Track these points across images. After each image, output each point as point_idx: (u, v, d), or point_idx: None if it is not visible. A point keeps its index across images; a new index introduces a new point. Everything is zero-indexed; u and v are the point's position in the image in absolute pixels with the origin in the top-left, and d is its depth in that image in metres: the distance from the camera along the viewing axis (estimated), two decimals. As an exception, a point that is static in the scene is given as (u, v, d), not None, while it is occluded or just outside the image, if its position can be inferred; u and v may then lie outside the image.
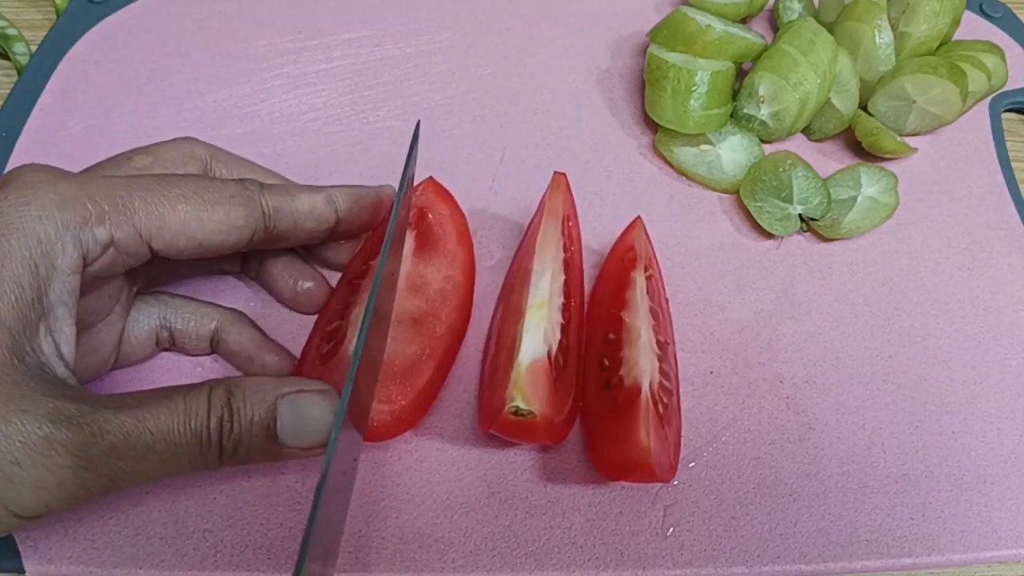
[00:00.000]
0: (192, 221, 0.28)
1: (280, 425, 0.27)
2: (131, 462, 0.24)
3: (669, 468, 0.31)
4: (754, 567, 0.32)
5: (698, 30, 0.42)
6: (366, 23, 0.49)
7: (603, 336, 0.35)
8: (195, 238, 0.28)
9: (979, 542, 0.33)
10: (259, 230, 0.30)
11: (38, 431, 0.23)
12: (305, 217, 0.31)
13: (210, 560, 0.30)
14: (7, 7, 0.51)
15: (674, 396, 0.34)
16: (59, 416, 0.23)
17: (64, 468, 0.23)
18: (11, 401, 0.23)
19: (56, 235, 0.25)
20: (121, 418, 0.24)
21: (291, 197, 0.31)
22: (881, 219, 0.41)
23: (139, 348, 0.33)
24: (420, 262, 0.36)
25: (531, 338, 0.31)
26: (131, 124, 0.43)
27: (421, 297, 0.35)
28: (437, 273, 0.36)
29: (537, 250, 0.34)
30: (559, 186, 0.37)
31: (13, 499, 0.23)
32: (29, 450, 0.23)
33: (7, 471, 0.23)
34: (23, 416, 0.23)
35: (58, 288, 0.26)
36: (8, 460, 0.23)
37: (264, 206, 0.30)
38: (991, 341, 0.39)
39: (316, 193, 0.32)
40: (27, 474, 0.23)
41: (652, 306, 0.35)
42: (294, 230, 0.31)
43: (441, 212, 0.38)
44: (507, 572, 0.31)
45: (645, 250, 0.37)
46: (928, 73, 0.42)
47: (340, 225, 0.33)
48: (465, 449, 0.33)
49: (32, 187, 0.25)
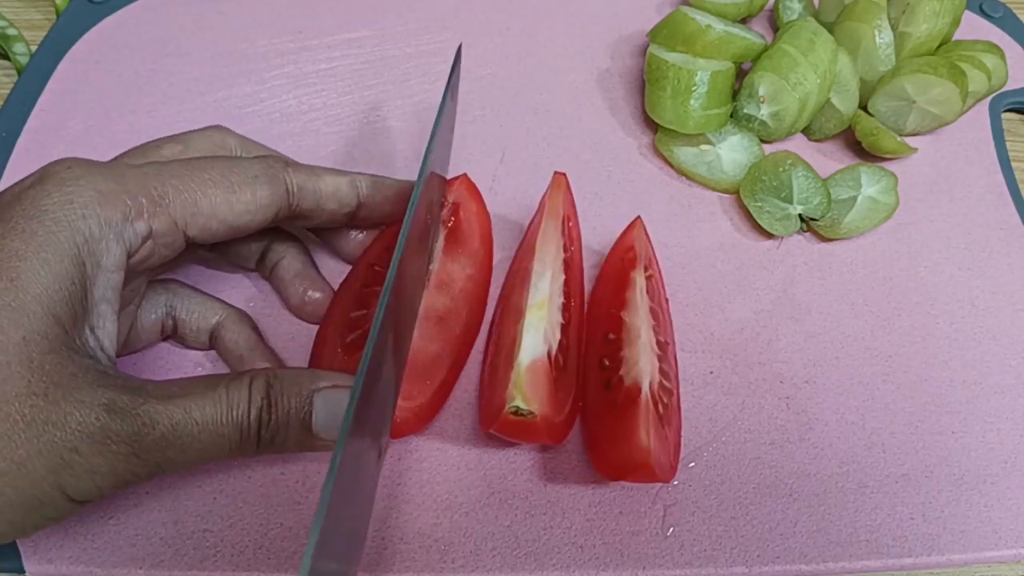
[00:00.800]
0: (222, 204, 0.28)
1: (315, 418, 0.28)
2: (177, 450, 0.26)
3: (669, 468, 0.31)
4: (754, 567, 0.32)
5: (698, 30, 0.42)
6: (366, 23, 0.49)
7: (603, 336, 0.35)
8: (226, 220, 0.29)
9: (979, 542, 0.33)
10: (283, 207, 0.30)
11: (96, 421, 0.24)
12: (328, 198, 0.32)
13: (210, 560, 0.30)
14: (7, 7, 0.51)
15: (674, 396, 0.34)
16: (114, 407, 0.24)
17: (118, 456, 0.24)
18: (70, 393, 0.24)
19: (100, 233, 0.26)
20: (170, 409, 0.25)
21: (315, 177, 0.32)
22: (881, 219, 0.41)
23: (145, 335, 0.33)
24: (448, 260, 0.36)
25: (531, 338, 0.31)
26: (131, 124, 0.43)
27: (447, 295, 0.35)
28: (462, 272, 0.36)
29: (537, 250, 0.34)
30: (559, 186, 0.37)
31: (71, 484, 0.24)
32: (87, 439, 0.24)
33: (67, 458, 0.24)
34: (81, 407, 0.24)
35: (102, 285, 0.26)
36: (68, 448, 0.23)
37: (288, 183, 0.30)
38: (991, 341, 0.39)
39: (341, 176, 0.33)
40: (85, 461, 0.24)
41: (652, 306, 0.35)
42: (316, 210, 0.32)
43: (470, 210, 0.38)
44: (507, 572, 0.31)
45: (645, 250, 0.37)
46: (928, 73, 0.42)
47: (361, 211, 0.33)
48: (465, 449, 0.33)
49: (72, 183, 0.26)
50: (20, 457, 0.23)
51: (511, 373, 0.30)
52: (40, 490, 0.24)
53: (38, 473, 0.23)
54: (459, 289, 0.35)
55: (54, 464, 0.23)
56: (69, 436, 0.23)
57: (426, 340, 0.33)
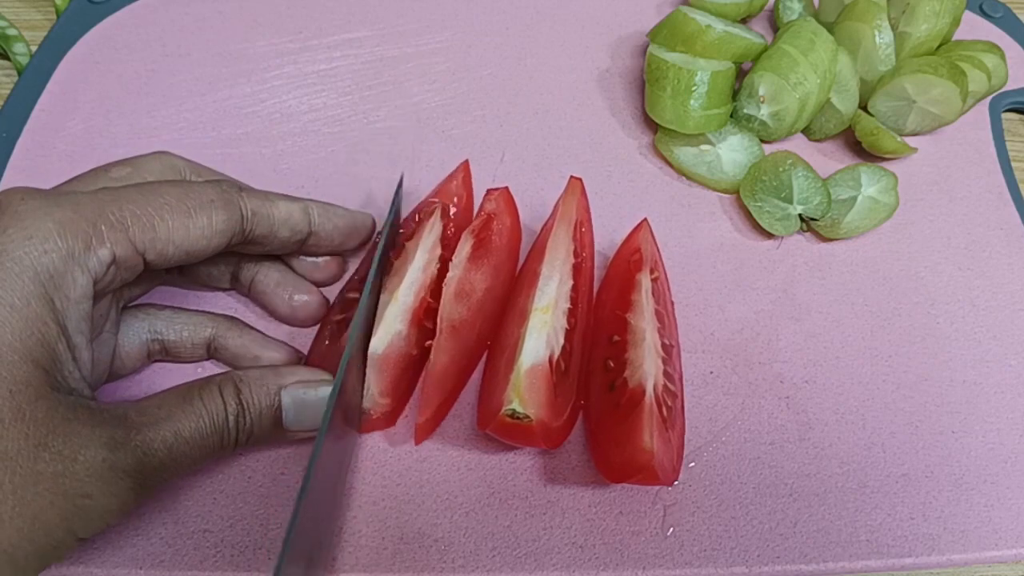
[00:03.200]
0: (179, 229, 0.28)
1: (285, 415, 0.29)
2: (172, 471, 0.27)
3: (672, 470, 0.31)
4: (754, 567, 0.32)
5: (698, 30, 0.42)
6: (366, 23, 0.49)
7: (608, 338, 0.35)
8: (182, 246, 0.28)
9: (979, 542, 0.33)
10: (237, 233, 0.30)
11: (102, 462, 0.24)
12: (281, 224, 0.32)
13: (210, 560, 0.30)
14: (7, 7, 0.51)
15: (678, 399, 0.34)
16: (114, 443, 0.25)
17: (127, 490, 0.25)
18: (69, 439, 0.24)
19: (65, 266, 0.25)
20: (162, 434, 0.26)
21: (269, 202, 0.31)
22: (881, 219, 0.41)
23: (130, 362, 0.32)
24: (472, 268, 0.35)
25: (533, 341, 0.31)
26: (131, 124, 0.43)
27: (464, 304, 0.34)
28: (482, 282, 0.35)
29: (547, 253, 0.34)
30: (574, 191, 0.37)
31: (83, 527, 0.24)
32: (97, 480, 0.24)
33: (79, 504, 0.24)
34: (85, 450, 0.24)
35: (74, 318, 0.26)
36: (80, 495, 0.24)
37: (243, 208, 0.30)
38: (991, 341, 0.39)
39: (294, 203, 0.32)
40: (96, 503, 0.24)
41: (657, 308, 0.35)
42: (270, 236, 0.32)
43: (503, 223, 0.38)
44: (507, 572, 0.31)
45: (651, 252, 0.37)
46: (928, 73, 0.42)
47: (312, 238, 0.33)
48: (465, 449, 0.33)
49: (29, 217, 0.25)
50: (33, 511, 0.23)
51: (511, 375, 0.30)
52: (54, 538, 0.24)
53: (52, 523, 0.23)
54: (476, 300, 0.35)
55: (68, 512, 0.24)
56: (78, 483, 0.24)
57: (440, 351, 0.32)
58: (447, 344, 0.33)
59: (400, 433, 0.34)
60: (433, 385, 0.32)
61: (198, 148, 0.42)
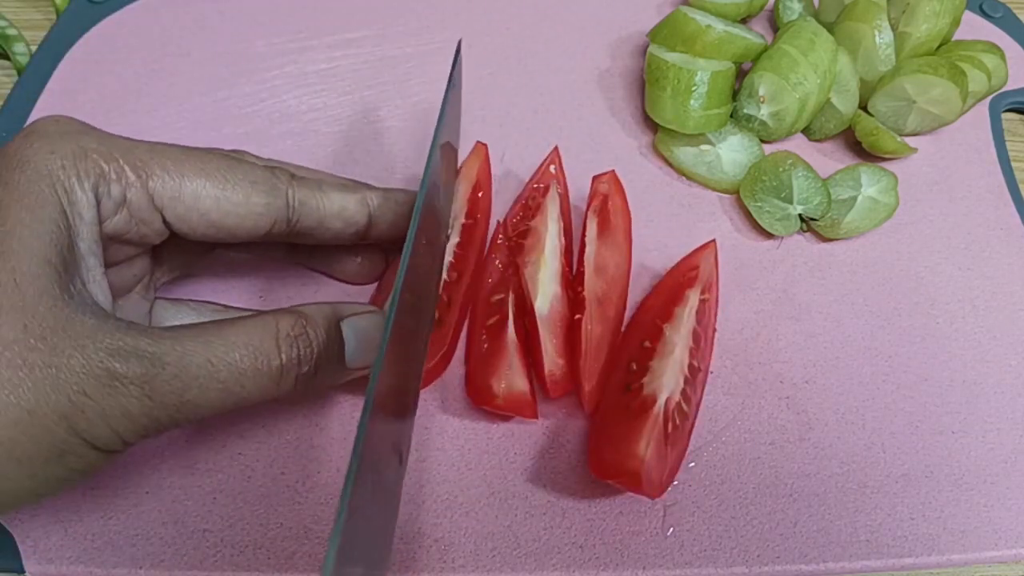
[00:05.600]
0: (207, 198, 0.27)
1: (347, 346, 0.28)
2: (196, 392, 0.25)
3: (659, 485, 0.31)
4: (754, 567, 0.32)
5: (698, 30, 0.42)
6: (366, 23, 0.49)
7: (639, 342, 0.35)
8: (208, 216, 0.28)
9: (979, 542, 0.33)
10: (280, 221, 0.29)
11: (100, 364, 0.23)
12: (333, 217, 0.31)
13: (210, 560, 0.30)
14: (7, 7, 0.51)
15: (688, 421, 0.34)
16: (118, 348, 0.24)
17: (130, 398, 0.24)
18: (69, 336, 0.23)
19: (78, 185, 0.25)
20: (183, 349, 0.25)
21: (320, 194, 0.30)
22: (881, 219, 0.41)
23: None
24: (602, 245, 0.37)
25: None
26: (131, 124, 0.43)
27: (603, 279, 0.36)
28: (612, 259, 0.37)
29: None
30: (477, 154, 0.40)
31: (86, 429, 0.23)
32: (94, 380, 0.23)
33: (76, 401, 0.23)
34: (83, 350, 0.23)
35: (87, 236, 0.26)
36: (75, 390, 0.23)
37: (290, 198, 0.29)
38: (991, 341, 0.39)
39: (349, 194, 0.31)
40: (95, 403, 0.23)
41: (696, 328, 0.35)
42: (319, 228, 0.31)
43: (616, 204, 0.39)
44: (507, 572, 0.31)
45: (709, 274, 0.37)
46: (928, 73, 0.42)
47: (372, 228, 0.32)
48: (465, 449, 0.33)
49: (57, 138, 0.26)
50: (28, 403, 0.22)
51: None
52: (56, 436, 0.23)
53: (49, 418, 0.23)
54: (611, 275, 0.36)
55: (63, 408, 0.23)
56: (74, 378, 0.23)
57: (593, 321, 0.34)
58: (596, 314, 0.34)
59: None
60: (592, 355, 0.33)
61: (198, 148, 0.42)
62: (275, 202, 0.29)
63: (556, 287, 0.35)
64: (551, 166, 0.40)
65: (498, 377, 0.33)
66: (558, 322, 0.34)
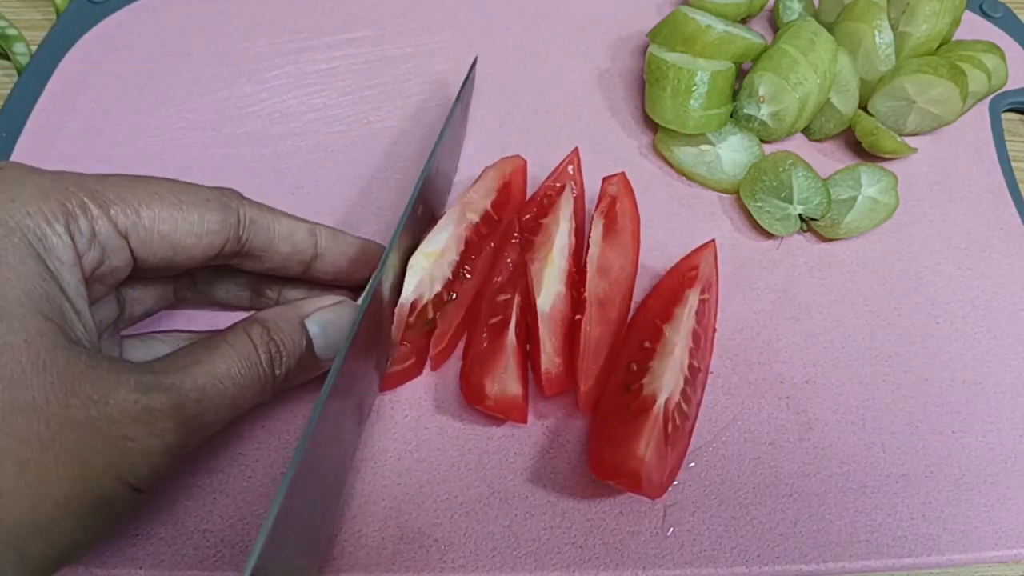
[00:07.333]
0: (166, 220, 0.27)
1: (315, 342, 0.30)
2: (212, 411, 0.26)
3: (659, 485, 0.31)
4: (754, 567, 0.32)
5: (698, 30, 0.42)
6: (366, 23, 0.49)
7: (639, 342, 0.35)
8: (169, 238, 0.28)
9: (979, 542, 0.33)
10: (232, 239, 0.29)
11: (135, 404, 0.24)
12: (282, 239, 0.31)
13: (210, 560, 0.30)
14: (7, 7, 0.51)
15: (688, 422, 0.34)
16: (143, 386, 0.24)
17: (166, 432, 0.24)
18: (96, 384, 0.23)
19: (50, 230, 0.25)
20: (193, 374, 0.26)
21: (271, 214, 0.31)
22: (881, 219, 0.41)
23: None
24: (607, 247, 0.37)
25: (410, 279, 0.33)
26: (131, 124, 0.43)
27: (606, 280, 0.36)
28: (616, 260, 0.37)
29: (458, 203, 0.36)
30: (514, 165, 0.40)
31: (131, 472, 0.24)
32: (134, 422, 0.24)
33: (122, 447, 0.23)
34: (115, 394, 0.24)
35: (71, 280, 0.25)
36: (120, 436, 0.23)
37: (241, 215, 0.30)
38: (991, 341, 0.39)
39: (298, 222, 0.32)
40: (138, 445, 0.24)
41: (696, 329, 0.35)
42: (269, 249, 0.31)
43: (624, 206, 0.39)
44: (507, 572, 0.31)
45: (708, 274, 0.37)
46: (928, 73, 0.42)
47: (317, 262, 0.32)
48: (465, 449, 0.33)
49: (10, 183, 0.25)
50: (78, 461, 0.22)
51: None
52: (105, 487, 0.23)
53: (99, 468, 0.23)
54: (614, 277, 0.36)
55: (112, 457, 0.23)
56: (116, 426, 0.23)
57: (592, 322, 0.34)
58: (597, 315, 0.34)
59: (399, 432, 0.34)
60: (590, 356, 0.33)
61: (198, 148, 0.42)
62: (228, 218, 0.29)
63: (560, 286, 0.35)
64: (569, 166, 0.40)
65: (492, 378, 0.33)
66: (559, 321, 0.34)
